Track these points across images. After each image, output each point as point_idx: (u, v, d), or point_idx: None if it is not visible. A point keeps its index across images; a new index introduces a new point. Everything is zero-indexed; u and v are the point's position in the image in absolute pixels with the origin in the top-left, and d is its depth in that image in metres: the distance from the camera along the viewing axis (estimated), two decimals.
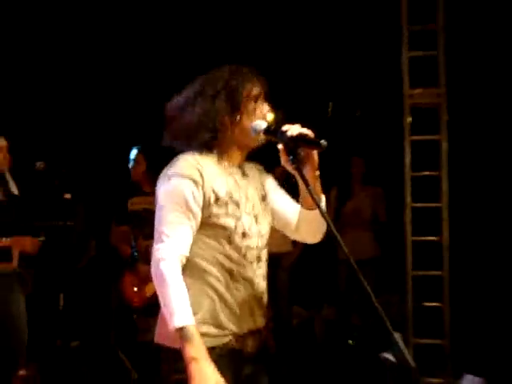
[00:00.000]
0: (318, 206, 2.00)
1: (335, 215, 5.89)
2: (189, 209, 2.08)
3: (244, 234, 2.17)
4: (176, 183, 2.10)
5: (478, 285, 5.67)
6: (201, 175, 2.10)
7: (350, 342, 6.23)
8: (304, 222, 2.28)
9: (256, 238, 2.21)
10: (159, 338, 2.18)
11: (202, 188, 2.10)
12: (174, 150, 2.21)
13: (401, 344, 1.81)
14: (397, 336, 1.81)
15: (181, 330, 1.98)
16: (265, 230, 2.27)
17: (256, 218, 2.23)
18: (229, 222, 2.14)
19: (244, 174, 2.27)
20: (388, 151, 6.07)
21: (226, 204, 2.14)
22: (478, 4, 5.62)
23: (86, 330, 5.60)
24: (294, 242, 6.12)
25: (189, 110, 2.19)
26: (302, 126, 2.12)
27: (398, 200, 5.12)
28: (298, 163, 2.09)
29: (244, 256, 2.17)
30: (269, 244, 2.32)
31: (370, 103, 6.90)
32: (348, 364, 5.71)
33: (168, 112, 2.24)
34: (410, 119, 5.04)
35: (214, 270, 2.13)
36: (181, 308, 1.99)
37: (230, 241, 2.14)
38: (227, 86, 2.17)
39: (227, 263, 2.14)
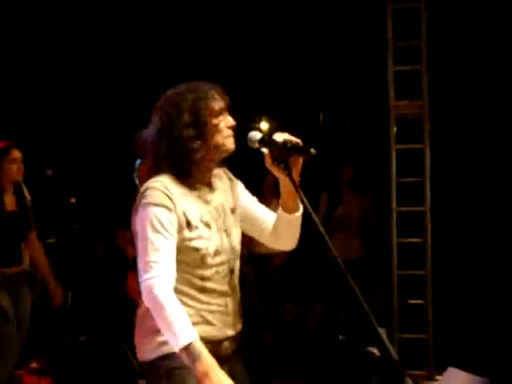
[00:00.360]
0: (305, 206, 1.98)
1: (325, 219, 5.91)
2: (168, 232, 2.04)
3: (216, 252, 2.14)
4: (150, 212, 2.05)
5: (459, 283, 5.69)
6: (172, 201, 2.07)
7: (341, 336, 6.24)
8: (283, 226, 2.24)
9: (228, 252, 2.19)
10: (141, 355, 2.16)
11: (175, 212, 2.07)
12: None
13: (385, 339, 1.82)
14: (382, 331, 1.82)
15: (187, 348, 1.92)
16: (236, 241, 2.23)
17: (226, 231, 2.20)
18: (200, 244, 2.11)
19: (213, 189, 2.23)
20: (375, 159, 6.09)
21: (197, 227, 2.11)
22: (459, 22, 5.66)
23: (93, 325, 5.60)
24: None
25: (158, 142, 2.13)
26: (293, 135, 2.11)
27: (383, 204, 5.14)
28: (289, 169, 2.08)
29: (216, 272, 2.14)
30: (258, 245, 2.30)
31: (358, 114, 6.93)
32: (338, 357, 5.73)
33: (139, 148, 2.21)
34: (395, 129, 5.07)
35: (186, 290, 2.10)
36: (183, 327, 1.94)
37: (203, 262, 2.11)
38: (191, 110, 2.11)
39: (200, 282, 2.12)
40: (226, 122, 2.17)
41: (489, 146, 5.77)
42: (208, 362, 1.92)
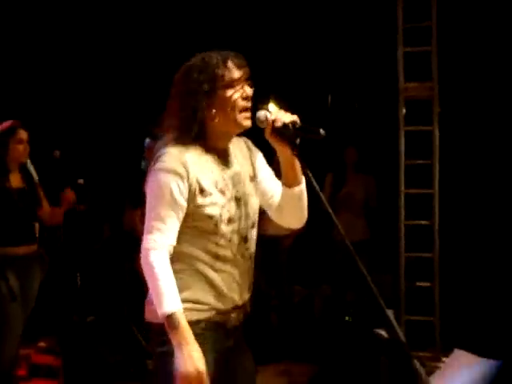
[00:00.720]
0: (313, 184, 1.98)
1: (330, 201, 5.91)
2: (175, 202, 2.06)
3: (230, 220, 2.15)
4: (162, 178, 2.07)
5: (467, 266, 5.68)
6: (185, 168, 2.07)
7: (347, 318, 6.26)
8: (286, 201, 2.23)
9: (242, 220, 2.19)
10: (147, 315, 2.20)
11: (188, 180, 2.07)
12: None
13: (393, 320, 1.82)
14: (389, 313, 1.82)
15: (169, 317, 2.00)
16: (252, 209, 2.23)
17: (241, 200, 2.19)
18: (214, 211, 2.11)
19: (230, 156, 2.23)
20: (383, 141, 6.07)
21: (211, 194, 2.11)
22: (469, 2, 5.61)
23: (102, 306, 5.64)
24: None
25: (175, 110, 2.16)
26: (302, 117, 2.10)
27: (392, 186, 5.13)
28: (297, 150, 2.07)
29: (230, 240, 2.15)
30: (267, 227, 2.31)
31: (367, 96, 6.89)
32: (344, 338, 5.75)
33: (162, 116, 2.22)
34: (404, 111, 5.05)
35: (201, 256, 2.12)
36: (168, 296, 2.01)
37: (217, 229, 2.12)
38: (204, 80, 2.11)
39: (214, 249, 2.13)
40: (241, 92, 2.15)
41: (499, 128, 5.73)
42: (185, 334, 2.00)
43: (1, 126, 4.08)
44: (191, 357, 1.99)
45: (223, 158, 2.20)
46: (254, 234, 2.25)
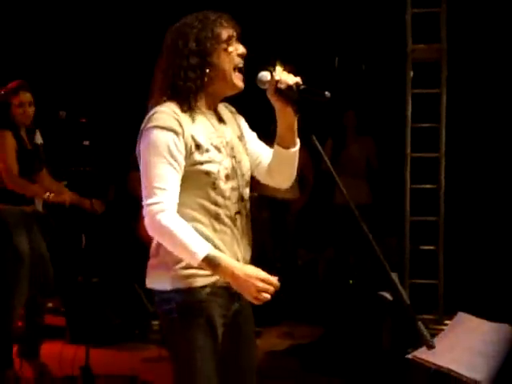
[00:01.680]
0: (318, 149, 1.98)
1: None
2: (174, 158, 2.01)
3: (227, 177, 2.12)
4: (157, 136, 2.02)
5: (471, 230, 5.69)
6: (180, 125, 2.03)
7: (351, 281, 6.30)
8: (279, 162, 2.21)
9: (238, 178, 2.17)
10: (149, 282, 2.17)
11: (183, 137, 2.03)
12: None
13: (397, 283, 1.82)
14: (394, 276, 1.82)
15: (205, 259, 1.96)
16: (245, 168, 2.21)
17: (235, 158, 2.17)
18: (212, 168, 2.08)
19: (220, 117, 2.21)
20: (390, 104, 6.03)
21: (207, 150, 2.08)
22: None
23: (106, 267, 5.67)
24: (302, 189, 6.17)
25: (165, 69, 2.12)
26: (309, 79, 2.08)
27: (398, 149, 5.11)
28: (300, 112, 2.05)
29: (229, 198, 2.12)
30: (275, 191, 2.30)
31: (374, 58, 6.83)
32: (348, 301, 5.78)
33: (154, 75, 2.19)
34: (411, 73, 5.00)
35: (200, 217, 2.09)
36: (195, 243, 1.97)
37: (215, 186, 2.09)
38: (197, 38, 2.08)
39: (213, 208, 2.10)
40: (234, 49, 2.13)
41: (508, 91, 5.67)
42: (228, 264, 1.98)
43: (6, 86, 4.07)
44: (249, 275, 1.97)
45: (216, 119, 2.19)
46: (247, 192, 2.23)
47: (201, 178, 2.08)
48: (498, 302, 4.68)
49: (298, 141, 2.17)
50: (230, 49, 2.11)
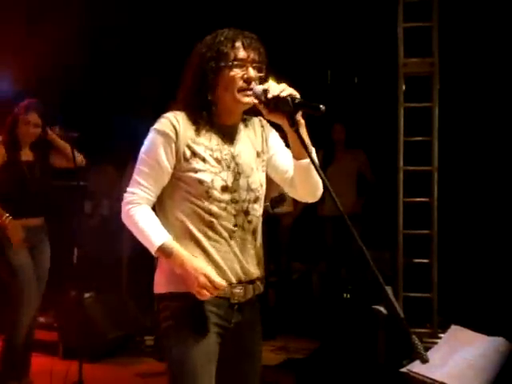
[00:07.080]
0: (312, 159, 2.05)
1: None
2: (158, 163, 2.15)
3: (225, 188, 2.16)
4: (153, 137, 2.18)
5: (464, 243, 5.71)
6: (176, 132, 2.15)
7: (345, 295, 6.30)
8: (297, 174, 2.25)
9: (242, 192, 2.20)
10: (155, 287, 2.24)
11: (176, 144, 2.15)
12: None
13: (391, 296, 1.83)
14: (388, 289, 1.83)
15: (160, 248, 2.09)
16: (255, 184, 2.24)
17: (242, 173, 2.21)
18: (205, 177, 2.14)
19: (237, 134, 2.26)
20: (382, 117, 6.06)
21: (204, 160, 2.15)
22: None
23: (100, 281, 5.66)
24: (295, 203, 6.18)
25: (183, 80, 2.24)
26: (300, 92, 2.09)
27: (390, 163, 5.13)
28: (296, 125, 2.08)
29: (225, 209, 2.17)
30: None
31: (366, 71, 6.87)
32: (342, 315, 5.79)
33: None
34: (403, 87, 5.03)
35: (196, 224, 2.15)
36: (154, 232, 2.11)
37: (209, 195, 2.14)
38: (203, 56, 2.17)
39: (207, 216, 2.15)
40: (243, 73, 2.16)
41: (499, 104, 5.72)
42: (180, 254, 2.09)
43: (22, 103, 4.22)
44: (195, 268, 2.06)
45: (228, 134, 2.24)
46: (256, 208, 2.26)
47: (195, 185, 2.15)
48: (491, 315, 4.69)
49: (312, 152, 2.17)
50: (237, 74, 2.16)
